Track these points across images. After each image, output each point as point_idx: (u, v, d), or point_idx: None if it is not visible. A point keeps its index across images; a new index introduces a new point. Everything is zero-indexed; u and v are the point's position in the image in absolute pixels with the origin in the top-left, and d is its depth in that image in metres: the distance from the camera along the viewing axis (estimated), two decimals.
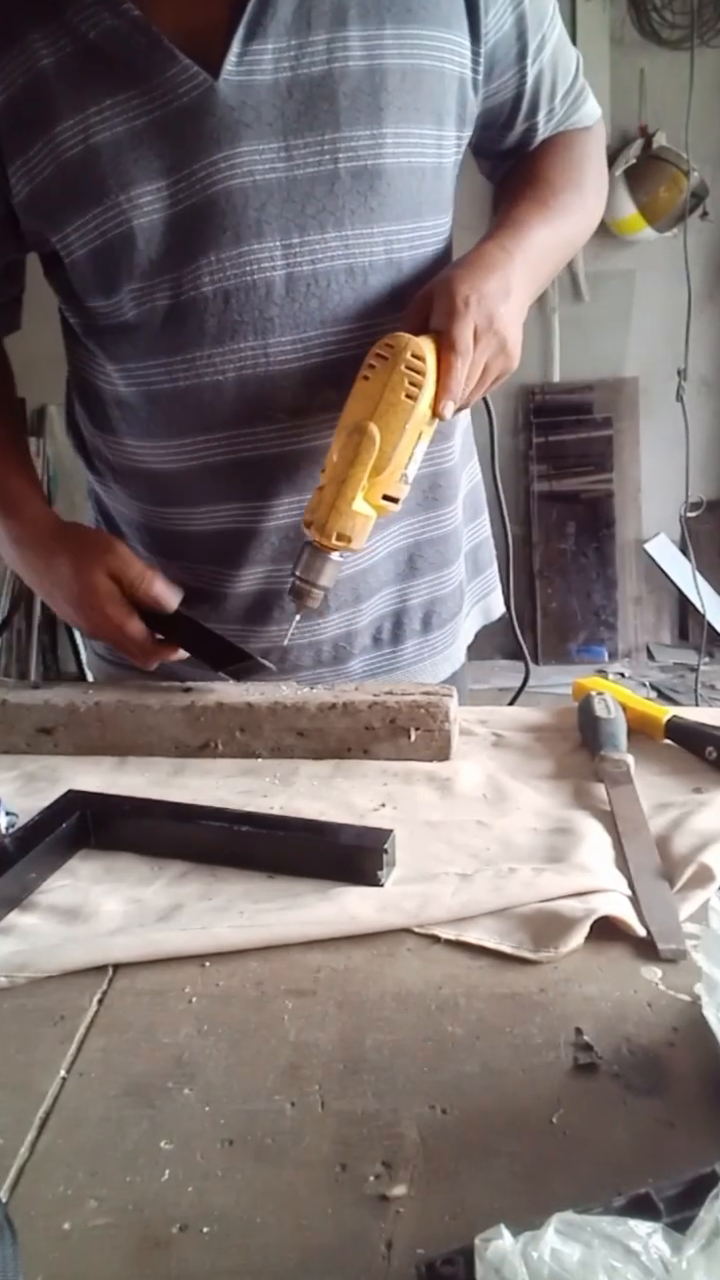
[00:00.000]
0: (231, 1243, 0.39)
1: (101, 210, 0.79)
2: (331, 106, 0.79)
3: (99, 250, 0.81)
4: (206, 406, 0.86)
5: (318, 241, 0.82)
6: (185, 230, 0.80)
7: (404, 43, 0.80)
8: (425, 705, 0.79)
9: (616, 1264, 0.31)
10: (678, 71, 3.18)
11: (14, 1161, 0.43)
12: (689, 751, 0.78)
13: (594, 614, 3.67)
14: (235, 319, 0.83)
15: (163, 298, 0.83)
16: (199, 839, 0.66)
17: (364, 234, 0.84)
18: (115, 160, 0.78)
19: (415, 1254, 0.38)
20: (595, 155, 0.99)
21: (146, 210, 0.79)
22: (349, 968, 0.55)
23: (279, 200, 0.80)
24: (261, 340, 0.83)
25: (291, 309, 0.83)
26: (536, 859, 0.64)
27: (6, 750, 0.84)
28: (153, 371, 0.87)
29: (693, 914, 0.58)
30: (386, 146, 0.81)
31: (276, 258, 0.81)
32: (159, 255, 0.81)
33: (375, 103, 0.80)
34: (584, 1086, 0.46)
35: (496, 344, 0.80)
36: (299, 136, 0.79)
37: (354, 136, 0.80)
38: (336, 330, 0.85)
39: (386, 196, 0.83)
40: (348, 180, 0.81)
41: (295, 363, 0.84)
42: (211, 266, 0.81)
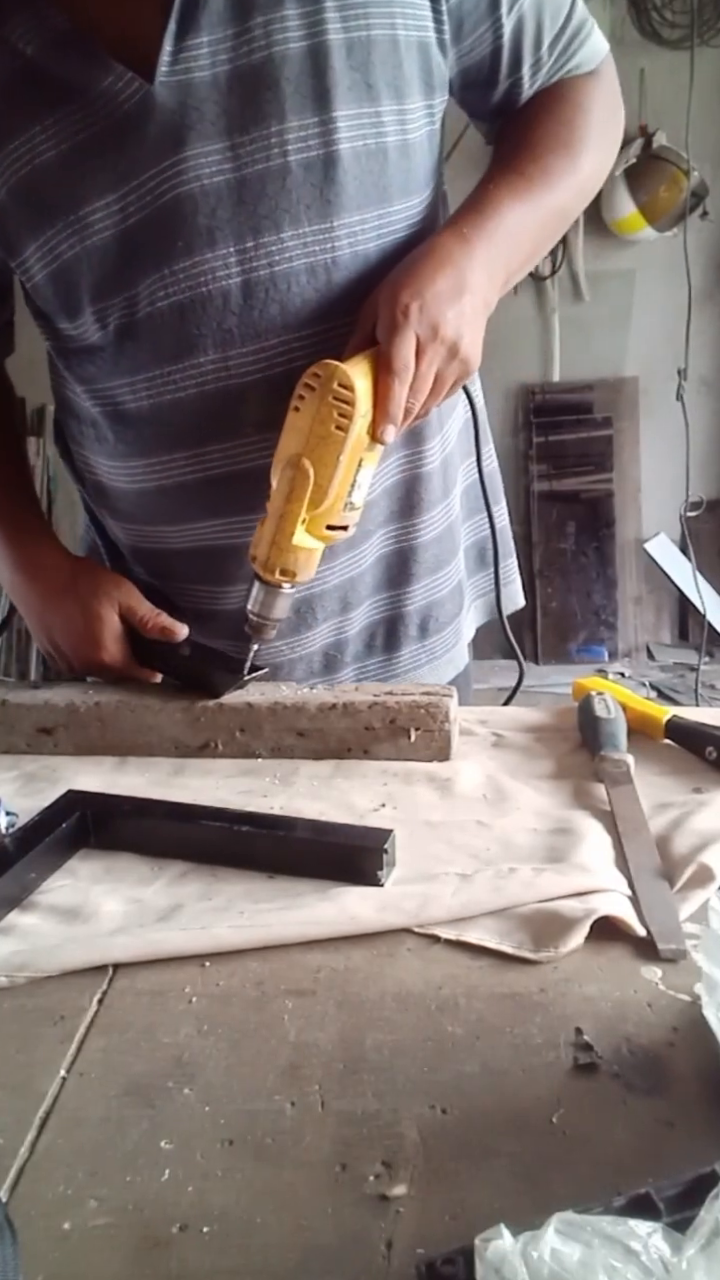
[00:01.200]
0: (231, 1243, 0.39)
1: (55, 232, 0.77)
2: (275, 95, 0.73)
3: (56, 273, 0.80)
4: (169, 426, 0.84)
5: (274, 243, 0.77)
6: (137, 245, 0.77)
7: (348, 14, 0.74)
8: (425, 705, 0.79)
9: (616, 1264, 0.31)
10: (678, 71, 3.18)
11: (14, 1161, 0.43)
12: (689, 751, 0.78)
13: (594, 614, 3.67)
14: (193, 333, 0.79)
15: (120, 316, 0.80)
16: (199, 839, 0.66)
17: (323, 229, 0.78)
18: (62, 179, 0.75)
19: (415, 1254, 0.38)
20: (596, 104, 0.88)
21: (98, 228, 0.76)
22: (349, 968, 0.55)
23: (229, 203, 0.76)
24: (221, 353, 0.80)
25: (251, 318, 0.79)
26: (536, 859, 0.64)
27: (6, 750, 0.84)
28: (116, 392, 0.85)
29: (693, 914, 0.58)
30: (339, 131, 0.75)
31: (231, 264, 0.77)
32: (113, 273, 0.78)
33: (321, 85, 0.74)
34: (584, 1086, 0.46)
35: (445, 352, 0.74)
36: (244, 133, 0.74)
37: (303, 125, 0.75)
38: (301, 336, 0.80)
39: (344, 186, 0.77)
40: (300, 174, 0.76)
41: (258, 374, 0.81)
42: (165, 280, 0.78)
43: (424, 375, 0.74)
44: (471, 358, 0.77)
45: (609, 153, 0.90)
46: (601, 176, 0.90)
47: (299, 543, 0.75)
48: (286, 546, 0.75)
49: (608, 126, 0.90)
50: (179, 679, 0.88)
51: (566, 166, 0.84)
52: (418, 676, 1.01)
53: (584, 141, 0.86)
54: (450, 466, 0.98)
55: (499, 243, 0.79)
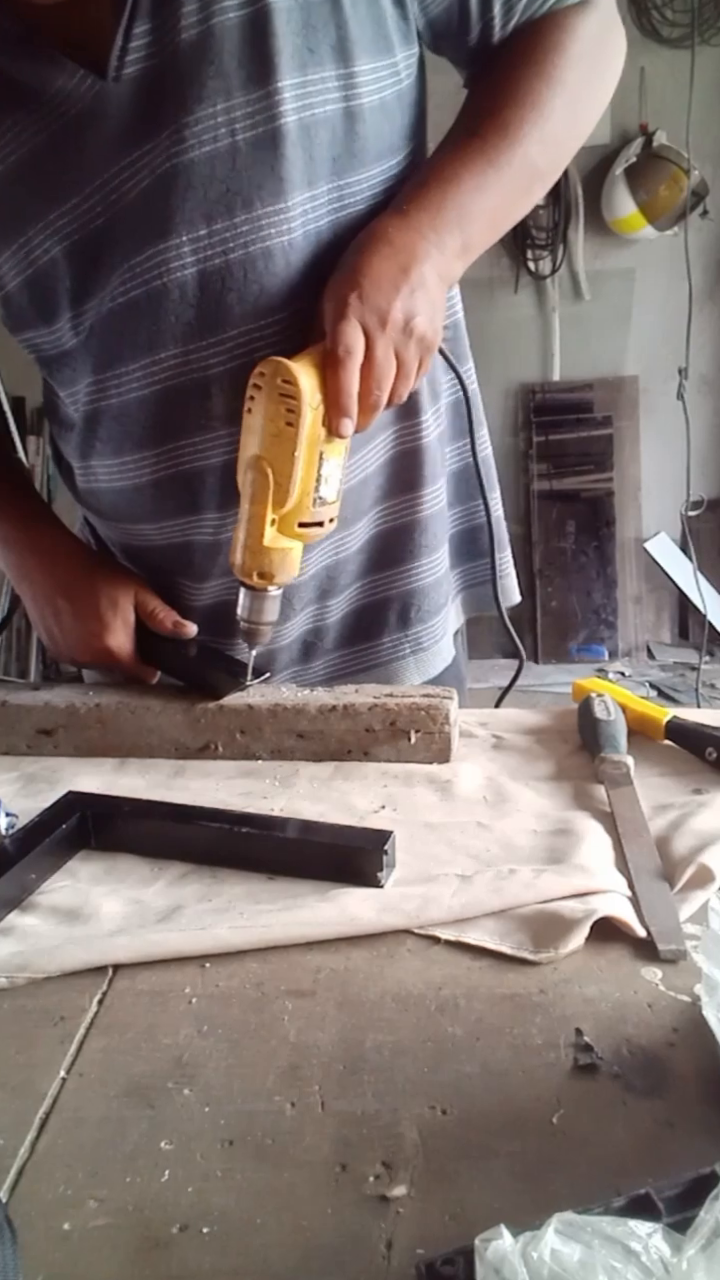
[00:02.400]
0: (231, 1243, 0.39)
1: (25, 240, 0.76)
2: (217, 71, 0.70)
3: (31, 280, 0.79)
4: (138, 423, 0.83)
5: (226, 229, 0.74)
6: (103, 245, 0.76)
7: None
8: (425, 707, 0.79)
9: (616, 1264, 0.31)
10: (678, 70, 3.18)
11: (14, 1161, 0.43)
12: (689, 752, 0.78)
13: (594, 613, 3.67)
14: (151, 329, 0.78)
15: (89, 317, 0.80)
16: (199, 840, 0.66)
17: (277, 210, 0.74)
18: (26, 185, 0.74)
19: (415, 1254, 0.38)
20: (576, 43, 0.79)
21: (67, 231, 0.75)
22: (349, 968, 0.55)
23: (179, 191, 0.73)
24: (181, 347, 0.78)
25: (208, 309, 0.76)
26: (536, 860, 0.64)
27: (6, 751, 0.84)
28: (89, 392, 0.84)
29: (693, 915, 0.58)
30: (285, 103, 0.71)
31: (185, 255, 0.75)
32: (85, 276, 0.77)
33: (262, 55, 0.70)
34: (584, 1087, 0.46)
35: (399, 334, 0.72)
36: (189, 114, 0.71)
37: (248, 100, 0.71)
38: (262, 325, 0.77)
39: (294, 161, 0.73)
40: (248, 153, 0.72)
41: (220, 367, 0.78)
42: (123, 276, 0.76)
43: (380, 362, 0.72)
44: (429, 334, 0.74)
45: (598, 92, 0.83)
46: (588, 119, 0.83)
47: (271, 544, 0.74)
48: (259, 549, 0.75)
49: (596, 62, 0.81)
50: (181, 678, 0.88)
51: (530, 117, 0.78)
52: (402, 669, 0.99)
53: (555, 87, 0.78)
54: (443, 444, 0.96)
55: (446, 211, 0.75)
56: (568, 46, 0.79)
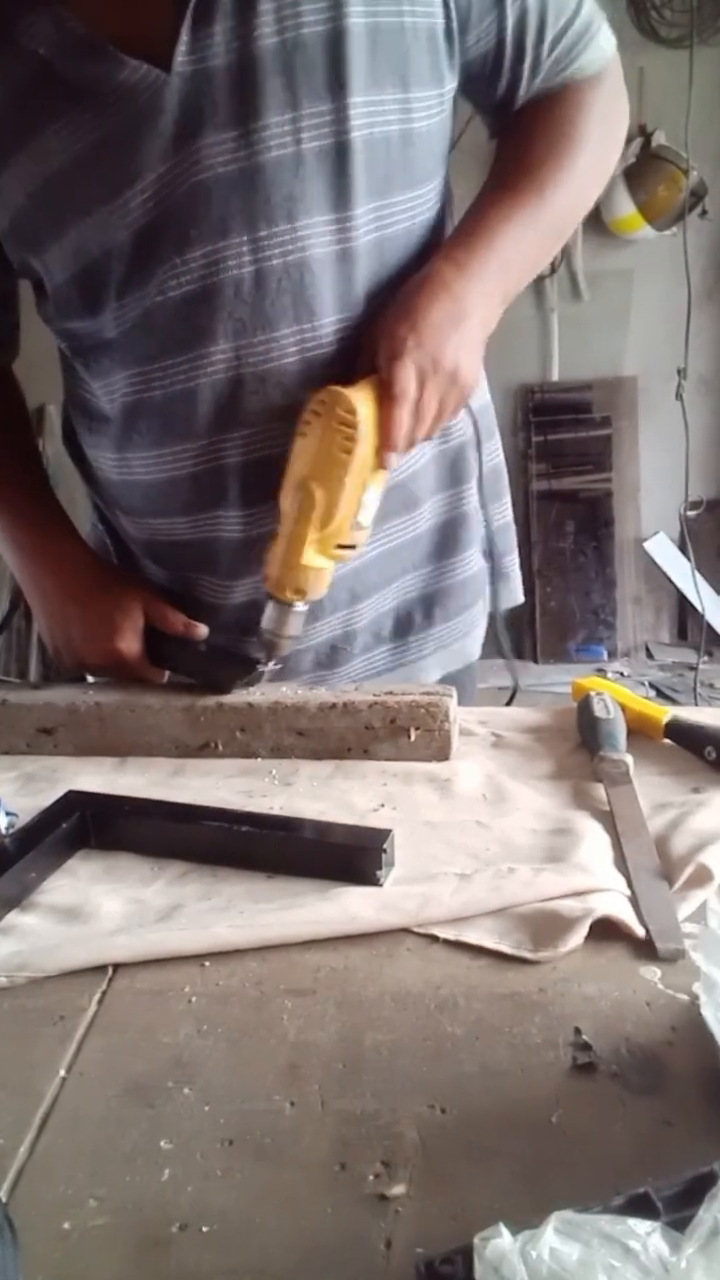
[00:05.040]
0: (231, 1242, 0.39)
1: (78, 232, 0.77)
2: (289, 83, 0.73)
3: (80, 273, 0.80)
4: (181, 417, 0.84)
5: (286, 232, 0.77)
6: (154, 239, 0.78)
7: (356, 3, 0.73)
8: (425, 705, 0.79)
9: (615, 1263, 0.31)
10: (677, 70, 3.17)
11: (14, 1161, 0.43)
12: (688, 751, 0.79)
13: (593, 613, 3.67)
14: (203, 324, 0.80)
15: (137, 309, 0.81)
16: (199, 839, 0.66)
17: (336, 219, 0.78)
18: (82, 178, 0.75)
19: (415, 1253, 0.38)
20: (596, 107, 0.87)
21: (119, 224, 0.77)
22: (348, 967, 0.55)
23: (242, 192, 0.76)
24: (232, 343, 0.80)
25: (262, 308, 0.79)
26: (536, 859, 0.64)
27: (6, 750, 0.84)
28: (131, 383, 0.85)
29: (691, 914, 0.58)
30: (353, 119, 0.75)
31: (244, 254, 0.78)
32: (133, 269, 0.79)
33: (335, 72, 0.74)
34: (583, 1086, 0.46)
35: (446, 380, 0.77)
36: (256, 119, 0.74)
37: (316, 113, 0.74)
38: (313, 326, 0.81)
39: (355, 175, 0.77)
40: (313, 162, 0.76)
41: (269, 364, 0.81)
42: (177, 270, 0.78)
43: (426, 403, 0.77)
44: (469, 384, 0.80)
45: (609, 157, 0.91)
46: (601, 182, 0.90)
47: (308, 562, 0.78)
48: (297, 565, 0.78)
49: (608, 130, 0.90)
50: (190, 675, 0.89)
51: (561, 177, 0.85)
52: (430, 665, 1.01)
53: (580, 147, 0.86)
54: (473, 444, 0.98)
55: (493, 265, 0.81)
56: (588, 111, 0.87)
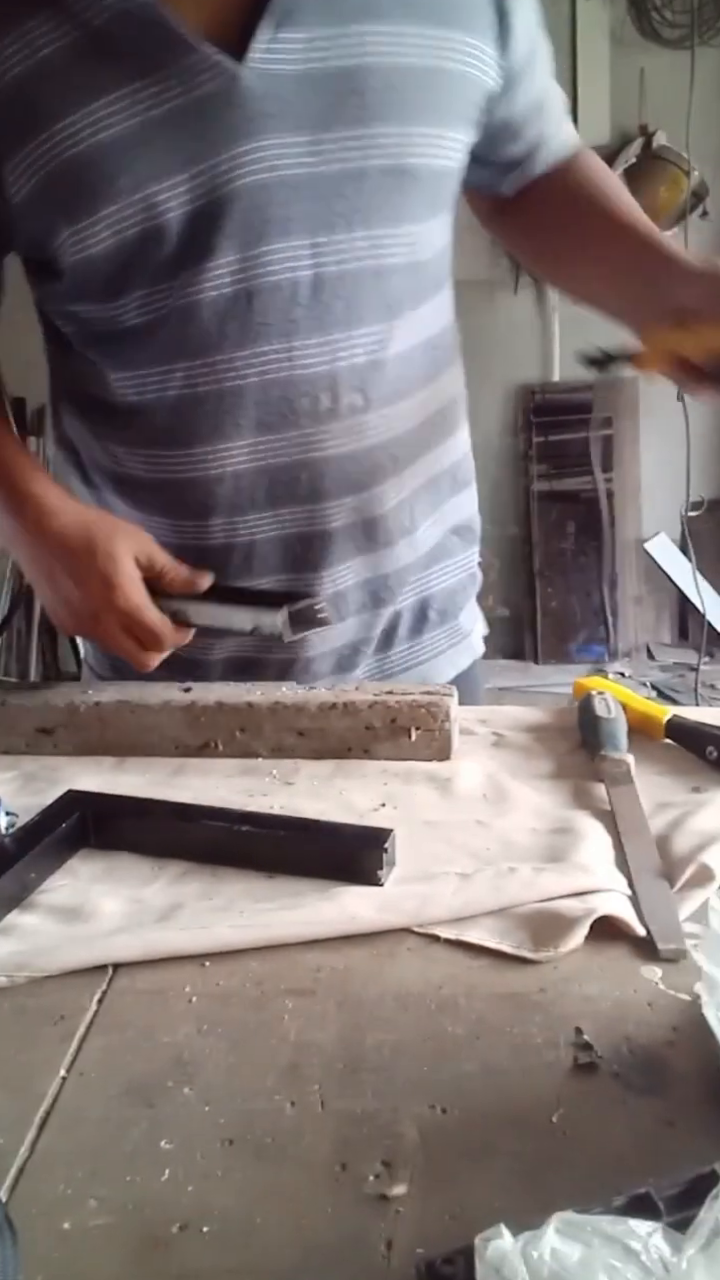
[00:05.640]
0: (231, 1243, 0.39)
1: (115, 210, 0.76)
2: (361, 101, 0.77)
3: (109, 252, 0.78)
4: (227, 413, 0.84)
5: (344, 241, 0.80)
6: (205, 228, 0.77)
7: (429, 43, 0.78)
8: (425, 705, 0.79)
9: (616, 1263, 0.31)
10: (678, 71, 3.18)
11: (14, 1161, 0.43)
12: (689, 751, 0.78)
13: (594, 613, 3.66)
14: (259, 321, 0.80)
15: (178, 299, 0.80)
16: (199, 839, 0.66)
17: (390, 234, 0.82)
18: (127, 156, 0.74)
19: (415, 1254, 0.38)
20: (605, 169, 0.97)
21: (163, 208, 0.76)
22: (349, 967, 0.55)
23: (306, 197, 0.78)
24: (286, 343, 0.81)
25: (316, 311, 0.81)
26: (536, 859, 0.64)
27: (6, 750, 0.84)
28: (168, 377, 0.84)
29: (693, 913, 0.58)
30: (415, 145, 0.80)
31: (303, 257, 0.79)
32: (176, 255, 0.78)
33: (404, 101, 0.78)
34: (584, 1086, 0.46)
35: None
36: (327, 130, 0.77)
37: (385, 134, 0.78)
38: (362, 332, 0.83)
39: (412, 196, 0.82)
40: (376, 178, 0.79)
41: (320, 366, 0.83)
42: (234, 266, 0.78)
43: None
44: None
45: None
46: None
47: None
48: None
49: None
50: (219, 626, 0.84)
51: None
52: (442, 663, 1.03)
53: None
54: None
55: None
56: (605, 171, 0.96)
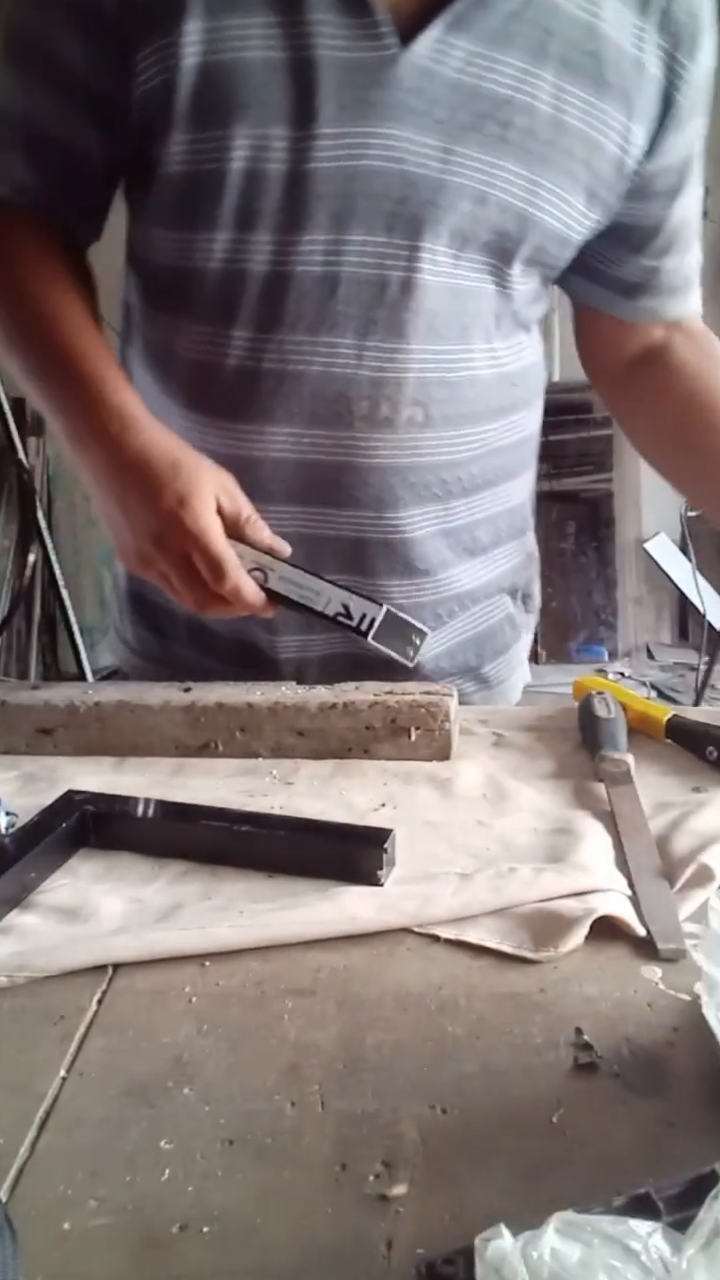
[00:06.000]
0: (231, 1243, 0.39)
1: (230, 133, 0.74)
2: (501, 133, 0.76)
3: (207, 175, 0.75)
4: (283, 396, 0.81)
5: (444, 255, 0.79)
6: (309, 193, 0.75)
7: (583, 105, 0.77)
8: (426, 705, 0.79)
9: (616, 1264, 0.31)
10: None
11: (14, 1161, 0.43)
12: (689, 751, 0.78)
13: (594, 613, 3.66)
14: (339, 310, 0.79)
15: (262, 261, 0.78)
16: (199, 839, 0.66)
17: (489, 264, 0.81)
18: (265, 84, 0.72)
19: (415, 1254, 0.37)
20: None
21: (276, 153, 0.74)
22: (349, 967, 0.55)
23: (420, 200, 0.77)
24: (359, 340, 0.79)
25: (397, 316, 0.80)
26: (537, 859, 0.64)
27: (6, 750, 0.84)
28: (231, 342, 0.81)
29: (693, 914, 0.58)
30: (541, 199, 0.79)
31: (400, 258, 0.78)
32: (272, 211, 0.76)
33: (544, 151, 0.77)
34: (584, 1086, 0.46)
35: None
36: (461, 145, 0.76)
37: (516, 174, 0.77)
38: (436, 349, 0.82)
39: (519, 242, 0.81)
40: (495, 211, 0.78)
41: (389, 372, 0.81)
42: (328, 245, 0.77)
43: None
44: None
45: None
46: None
47: None
48: None
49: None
50: (297, 599, 0.77)
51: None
52: (512, 684, 1.05)
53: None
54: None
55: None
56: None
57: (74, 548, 3.65)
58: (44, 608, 3.49)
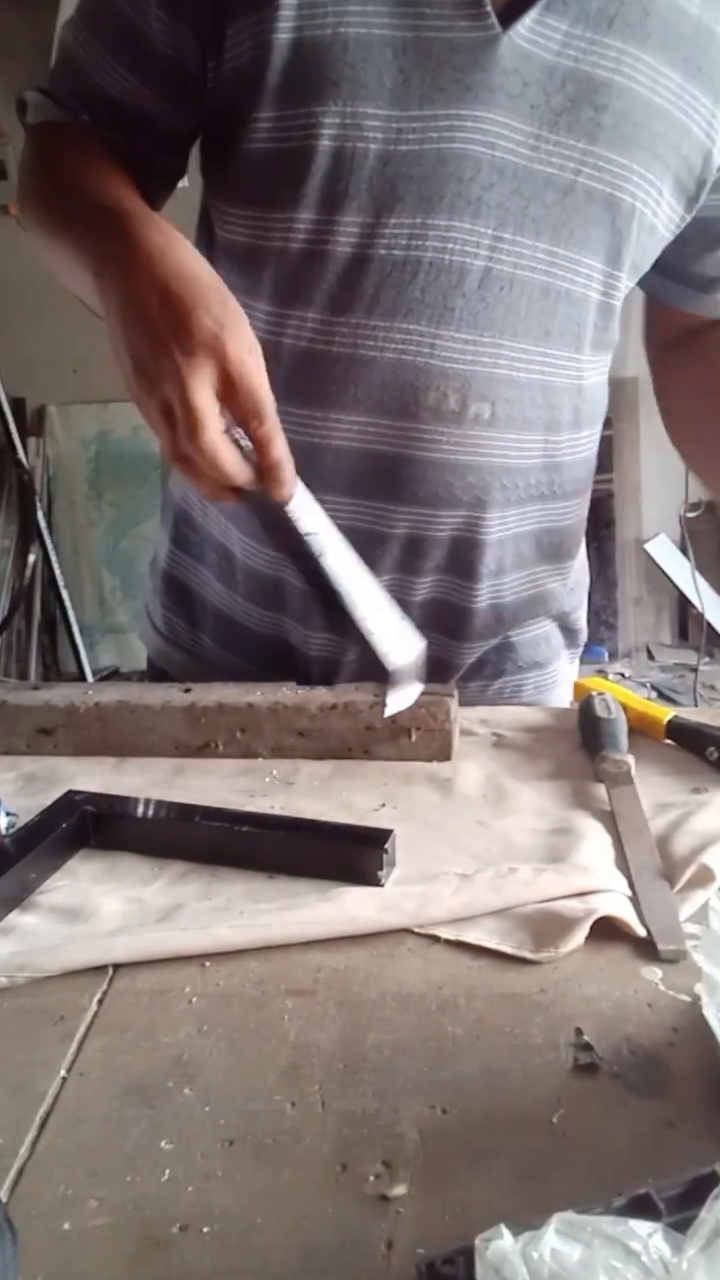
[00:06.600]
0: (231, 1243, 0.39)
1: (322, 110, 0.72)
2: (596, 117, 0.74)
3: (295, 153, 0.74)
4: (351, 382, 0.79)
5: (527, 245, 0.77)
6: (398, 175, 0.74)
7: (684, 94, 0.76)
8: (426, 705, 0.79)
9: (617, 1264, 0.31)
10: None
11: (14, 1161, 0.43)
12: (689, 752, 0.78)
13: (594, 614, 3.66)
14: (415, 296, 0.77)
15: (343, 244, 0.76)
16: (199, 839, 0.66)
17: (572, 259, 0.79)
18: (361, 62, 0.71)
19: (415, 1254, 0.38)
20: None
21: (367, 132, 0.73)
22: (349, 968, 0.55)
23: (507, 187, 0.75)
24: (433, 328, 0.78)
25: (476, 307, 0.78)
26: (537, 859, 0.64)
27: (6, 751, 0.84)
28: (304, 323, 0.80)
29: (693, 914, 0.58)
30: (632, 184, 0.77)
31: (483, 245, 0.76)
32: (357, 191, 0.75)
33: (637, 135, 0.75)
34: (584, 1086, 0.46)
35: None
36: (554, 131, 0.74)
37: (606, 159, 0.75)
38: (512, 346, 0.80)
39: (608, 232, 0.78)
40: (582, 198, 0.76)
41: (461, 364, 0.79)
42: (412, 229, 0.75)
43: None
44: None
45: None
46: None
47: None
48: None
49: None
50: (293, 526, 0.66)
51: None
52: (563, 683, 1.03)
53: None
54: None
55: None
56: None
57: (74, 548, 3.65)
58: (44, 608, 3.49)
